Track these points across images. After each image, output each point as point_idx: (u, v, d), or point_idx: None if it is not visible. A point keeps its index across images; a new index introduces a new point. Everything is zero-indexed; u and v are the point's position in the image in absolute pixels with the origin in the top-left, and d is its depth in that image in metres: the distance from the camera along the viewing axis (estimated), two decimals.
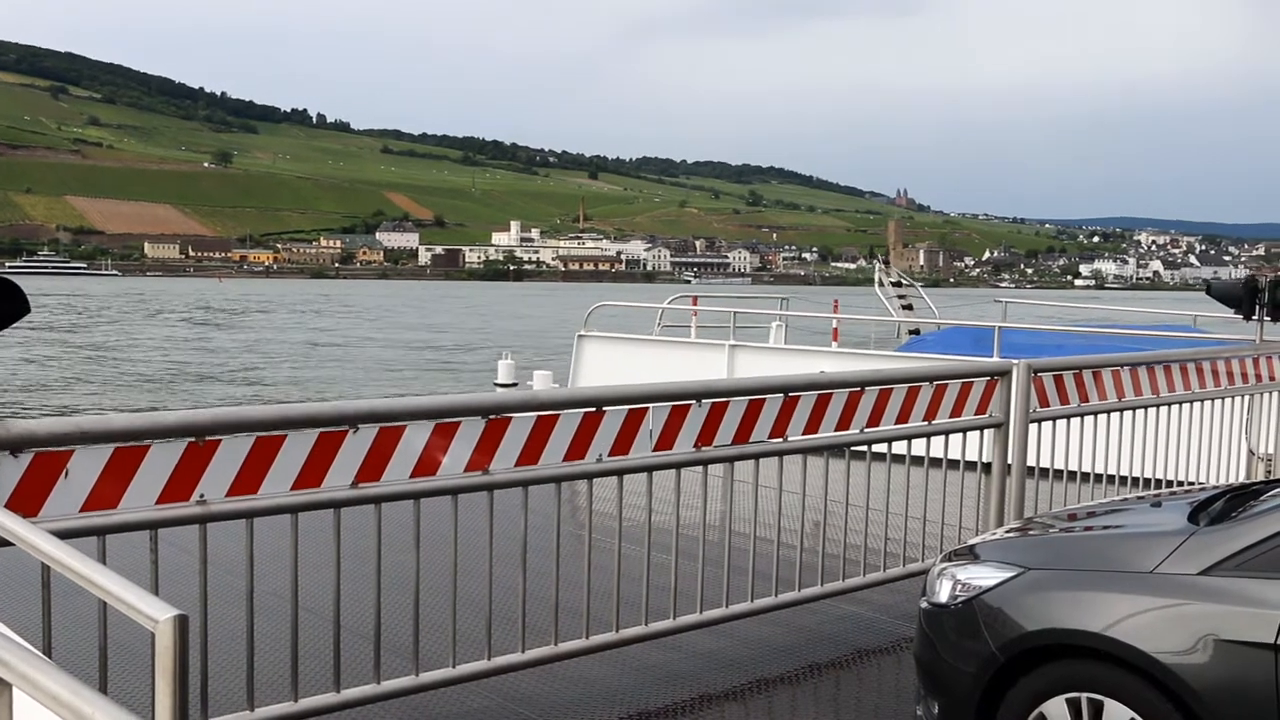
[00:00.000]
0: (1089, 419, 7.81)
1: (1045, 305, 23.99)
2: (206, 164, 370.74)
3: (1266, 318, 9.21)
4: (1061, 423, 7.65)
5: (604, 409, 5.48)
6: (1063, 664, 4.20)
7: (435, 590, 5.36)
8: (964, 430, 7.12)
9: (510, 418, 5.17)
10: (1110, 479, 8.01)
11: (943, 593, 4.66)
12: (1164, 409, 8.37)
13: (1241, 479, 8.91)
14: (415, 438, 4.88)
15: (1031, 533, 4.98)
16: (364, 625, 5.07)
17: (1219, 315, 12.47)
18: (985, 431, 7.28)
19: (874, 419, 6.57)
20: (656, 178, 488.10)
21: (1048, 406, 7.48)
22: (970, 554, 4.79)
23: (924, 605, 4.80)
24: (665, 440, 5.74)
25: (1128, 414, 8.10)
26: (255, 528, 4.59)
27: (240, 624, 4.62)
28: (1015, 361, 7.35)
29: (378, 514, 4.88)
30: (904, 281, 26.34)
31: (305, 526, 4.72)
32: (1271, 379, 9.24)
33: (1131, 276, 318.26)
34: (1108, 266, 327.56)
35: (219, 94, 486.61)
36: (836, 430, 6.42)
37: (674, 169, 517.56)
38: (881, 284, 25.18)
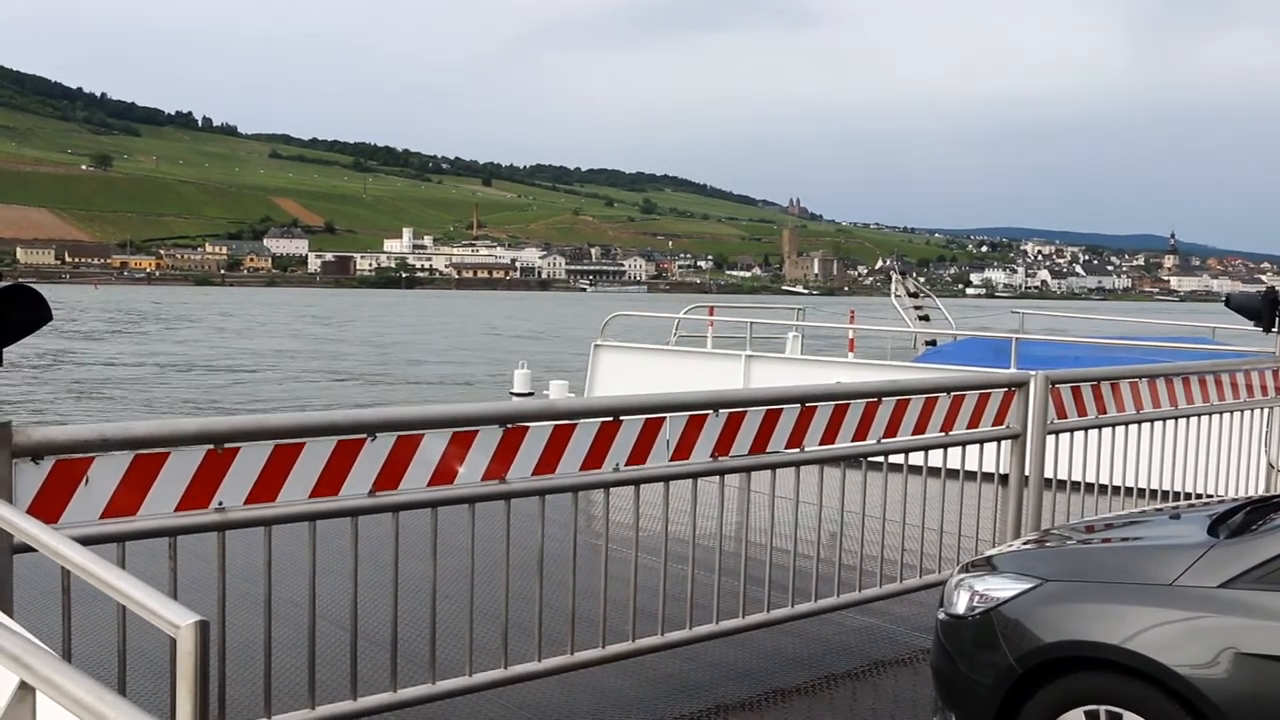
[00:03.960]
0: (1107, 431, 7.78)
1: (1061, 317, 23.90)
2: (85, 166, 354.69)
3: None
4: (1079, 434, 7.62)
5: (621, 419, 5.48)
6: (1081, 676, 4.18)
7: (452, 599, 5.37)
8: (981, 441, 7.10)
9: (527, 427, 5.18)
10: (1128, 491, 7.97)
11: (960, 604, 4.64)
12: (1182, 421, 8.33)
13: (1261, 492, 8.87)
14: (433, 446, 4.89)
15: (1049, 544, 4.96)
16: (381, 633, 5.08)
17: (1238, 327, 12.41)
18: (1003, 443, 7.26)
19: (891, 429, 6.56)
20: (550, 185, 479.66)
21: (1065, 418, 7.46)
22: (988, 565, 4.77)
23: (941, 616, 4.78)
24: (682, 450, 5.73)
25: (1146, 426, 8.06)
26: (273, 535, 4.60)
27: (258, 631, 4.64)
28: (1033, 373, 7.33)
29: (395, 522, 4.89)
30: (921, 292, 26.26)
31: (323, 534, 4.73)
32: None
33: (1020, 285, 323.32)
34: (997, 275, 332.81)
35: (99, 95, 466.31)
36: (853, 441, 6.41)
37: (568, 176, 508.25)
38: (898, 294, 25.12)
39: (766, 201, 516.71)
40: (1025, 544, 5.10)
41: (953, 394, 6.87)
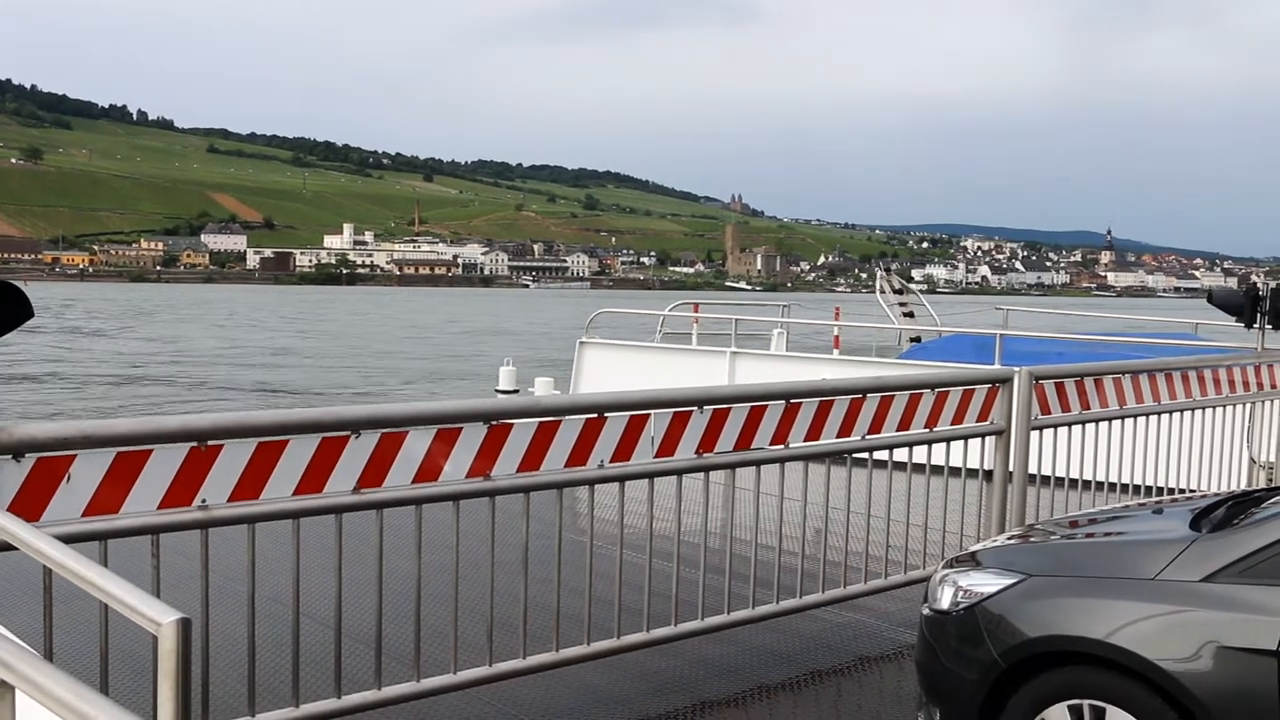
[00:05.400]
0: (1090, 426, 7.80)
1: (1046, 313, 23.99)
2: (14, 160, 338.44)
3: (1268, 326, 9.21)
4: (1063, 430, 7.64)
5: (606, 415, 5.48)
6: (1065, 671, 4.20)
7: (437, 596, 5.36)
8: (966, 437, 7.12)
9: (512, 424, 5.17)
10: (1112, 486, 8.00)
11: (945, 599, 4.65)
12: (1165, 417, 8.37)
13: (1242, 486, 8.91)
14: (417, 443, 4.88)
15: (1033, 539, 4.98)
16: (365, 631, 5.07)
17: (1220, 323, 12.48)
18: (987, 439, 7.28)
19: (876, 426, 6.57)
20: (492, 181, 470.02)
21: (1049, 414, 7.48)
22: (972, 561, 4.79)
23: (926, 612, 4.80)
24: (667, 447, 5.73)
25: (1129, 421, 8.09)
26: (257, 533, 4.59)
27: (241, 629, 4.62)
28: (1017, 369, 7.35)
29: (379, 520, 4.88)
30: (906, 289, 26.32)
31: (307, 532, 4.71)
32: (1273, 387, 9.23)
33: (961, 281, 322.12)
34: (939, 271, 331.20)
35: (28, 86, 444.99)
36: (838, 437, 6.42)
37: (510, 172, 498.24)
38: (884, 291, 25.17)
39: (709, 198, 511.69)
40: (1009, 539, 5.12)
41: (937, 390, 6.88)
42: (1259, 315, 9.15)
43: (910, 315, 24.45)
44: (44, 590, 3.96)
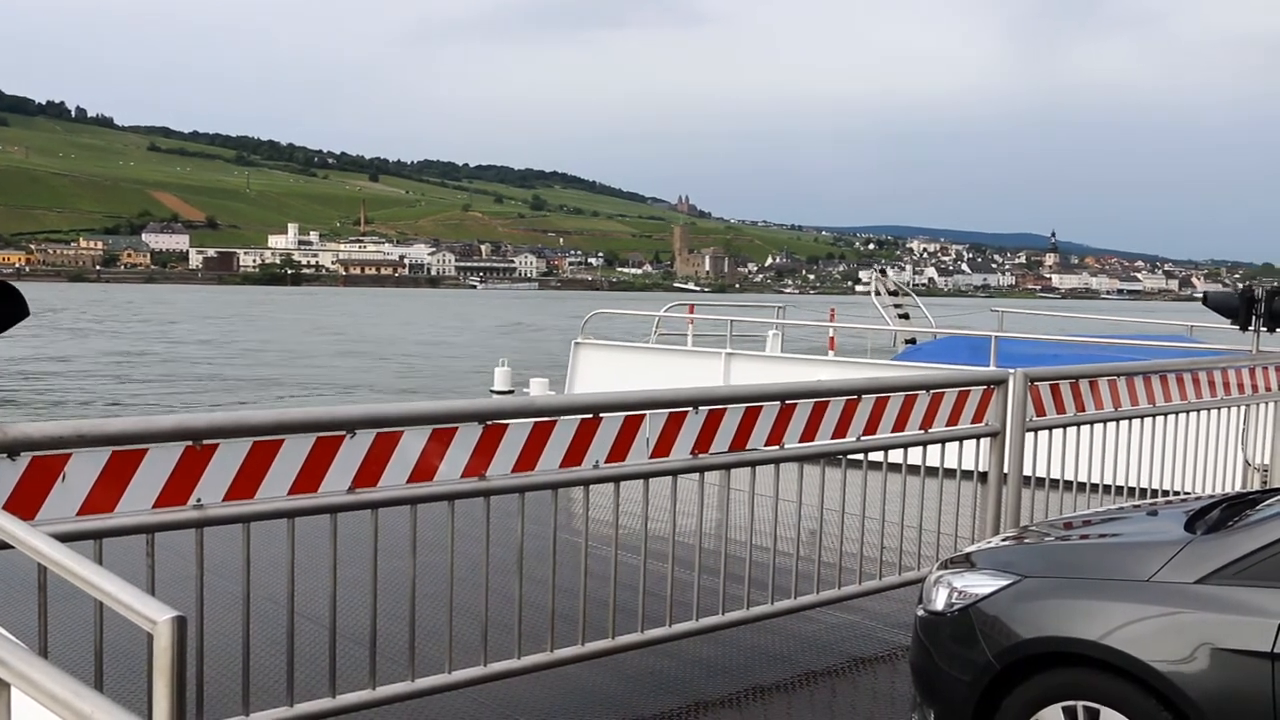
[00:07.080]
0: (1085, 428, 7.81)
1: (1040, 315, 24.01)
2: None
3: (1262, 328, 9.23)
4: (1058, 432, 7.65)
5: (601, 416, 5.48)
6: (1059, 672, 4.20)
7: (431, 596, 5.36)
8: (960, 439, 7.12)
9: (507, 424, 5.17)
10: (1107, 488, 8.01)
11: (939, 600, 4.66)
12: (1160, 419, 8.38)
13: (1237, 488, 8.93)
14: (412, 443, 4.88)
15: (1028, 541, 4.98)
16: (360, 630, 5.07)
17: (1215, 325, 12.50)
18: (982, 440, 7.28)
19: (870, 427, 6.58)
20: (439, 181, 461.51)
21: (1044, 416, 7.49)
22: (966, 562, 4.79)
23: (920, 613, 4.80)
24: (662, 447, 5.74)
25: (1124, 423, 8.10)
26: (251, 532, 4.58)
27: (236, 628, 4.61)
28: (1012, 371, 7.35)
29: (374, 519, 4.88)
30: (901, 291, 26.34)
31: (301, 531, 4.71)
32: (1267, 389, 9.25)
33: (908, 283, 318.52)
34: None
35: None
36: (833, 438, 6.43)
37: (456, 172, 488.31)
38: (878, 293, 25.19)
39: (656, 199, 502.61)
40: (1004, 541, 5.12)
41: (932, 392, 6.89)
42: (1254, 318, 9.17)
43: (905, 317, 24.44)
44: (39, 589, 3.96)
